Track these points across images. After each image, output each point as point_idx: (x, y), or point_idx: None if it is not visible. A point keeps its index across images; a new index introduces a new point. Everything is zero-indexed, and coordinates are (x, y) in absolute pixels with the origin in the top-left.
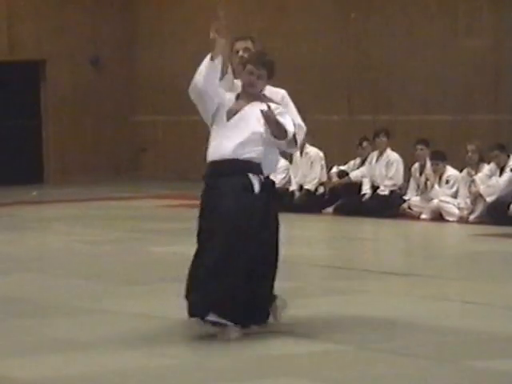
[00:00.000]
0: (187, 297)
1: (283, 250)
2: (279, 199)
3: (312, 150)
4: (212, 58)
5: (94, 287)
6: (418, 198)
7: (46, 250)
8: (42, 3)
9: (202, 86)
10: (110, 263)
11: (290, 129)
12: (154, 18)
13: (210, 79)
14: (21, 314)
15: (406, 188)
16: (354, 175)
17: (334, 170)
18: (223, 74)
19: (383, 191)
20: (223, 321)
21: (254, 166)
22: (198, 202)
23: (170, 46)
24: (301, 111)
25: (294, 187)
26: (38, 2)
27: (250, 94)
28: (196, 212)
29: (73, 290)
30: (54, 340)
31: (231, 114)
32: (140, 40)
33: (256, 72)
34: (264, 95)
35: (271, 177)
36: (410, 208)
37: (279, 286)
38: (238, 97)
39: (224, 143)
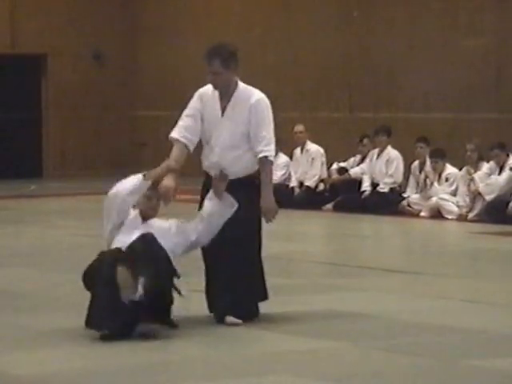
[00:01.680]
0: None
1: (283, 247)
2: None
3: (313, 147)
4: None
5: None
6: (417, 196)
7: (45, 244)
8: None
9: (124, 191)
10: None
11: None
12: (155, 12)
13: (135, 191)
14: (19, 308)
15: (406, 185)
16: (354, 172)
17: (334, 166)
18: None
19: (383, 188)
20: None
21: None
22: (197, 197)
23: (171, 41)
24: (302, 108)
25: (294, 184)
26: None
27: (149, 216)
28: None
29: (72, 284)
30: (53, 335)
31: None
32: (142, 35)
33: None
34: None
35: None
36: (409, 205)
37: (279, 283)
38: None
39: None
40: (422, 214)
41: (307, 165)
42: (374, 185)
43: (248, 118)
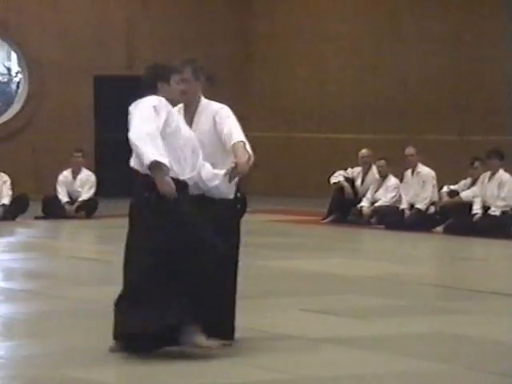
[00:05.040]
0: None
1: (393, 268)
2: None
3: (424, 170)
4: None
5: None
6: None
7: None
8: (161, 20)
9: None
10: None
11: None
12: (267, 38)
13: None
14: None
15: None
16: (465, 195)
17: (445, 189)
18: None
19: (494, 211)
20: None
21: None
22: (306, 218)
23: (282, 66)
24: (412, 131)
25: (404, 206)
26: (157, 18)
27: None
28: (305, 227)
29: None
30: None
31: None
32: (253, 59)
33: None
34: None
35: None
36: None
37: (388, 303)
38: None
39: None
40: None
41: (418, 187)
42: (486, 208)
43: (213, 126)
